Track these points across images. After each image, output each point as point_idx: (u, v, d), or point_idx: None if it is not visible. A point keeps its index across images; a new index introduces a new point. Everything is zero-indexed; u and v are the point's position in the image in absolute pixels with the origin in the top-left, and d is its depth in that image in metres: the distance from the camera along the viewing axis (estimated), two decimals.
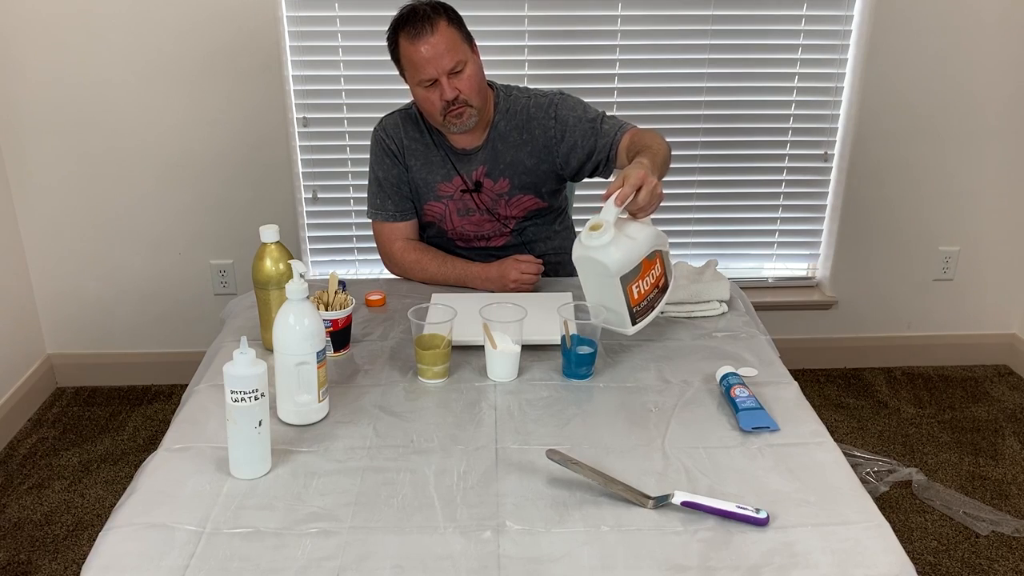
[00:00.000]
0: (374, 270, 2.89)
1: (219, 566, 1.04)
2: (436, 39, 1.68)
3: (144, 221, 2.72)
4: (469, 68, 1.73)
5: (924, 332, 3.02)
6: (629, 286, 1.48)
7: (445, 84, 1.70)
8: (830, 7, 2.65)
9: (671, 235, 2.89)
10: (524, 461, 1.25)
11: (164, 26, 2.50)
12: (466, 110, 1.75)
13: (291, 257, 1.48)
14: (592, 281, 1.51)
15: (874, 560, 1.05)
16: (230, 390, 1.16)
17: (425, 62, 1.69)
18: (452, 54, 1.69)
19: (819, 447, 1.29)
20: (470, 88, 1.73)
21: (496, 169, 1.87)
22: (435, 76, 1.70)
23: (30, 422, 2.69)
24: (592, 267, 1.47)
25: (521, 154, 1.86)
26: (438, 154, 1.88)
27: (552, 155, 1.86)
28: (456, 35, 1.71)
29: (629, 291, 1.48)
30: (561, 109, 1.84)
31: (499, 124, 1.85)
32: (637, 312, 1.52)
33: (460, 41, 1.72)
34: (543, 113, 1.84)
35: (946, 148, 2.78)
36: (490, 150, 1.86)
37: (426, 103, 1.76)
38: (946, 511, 2.25)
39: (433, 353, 1.45)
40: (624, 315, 1.50)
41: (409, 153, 1.89)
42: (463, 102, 1.73)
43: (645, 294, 1.52)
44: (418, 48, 1.68)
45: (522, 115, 1.85)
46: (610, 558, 1.05)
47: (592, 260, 1.45)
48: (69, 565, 2.07)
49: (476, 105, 1.76)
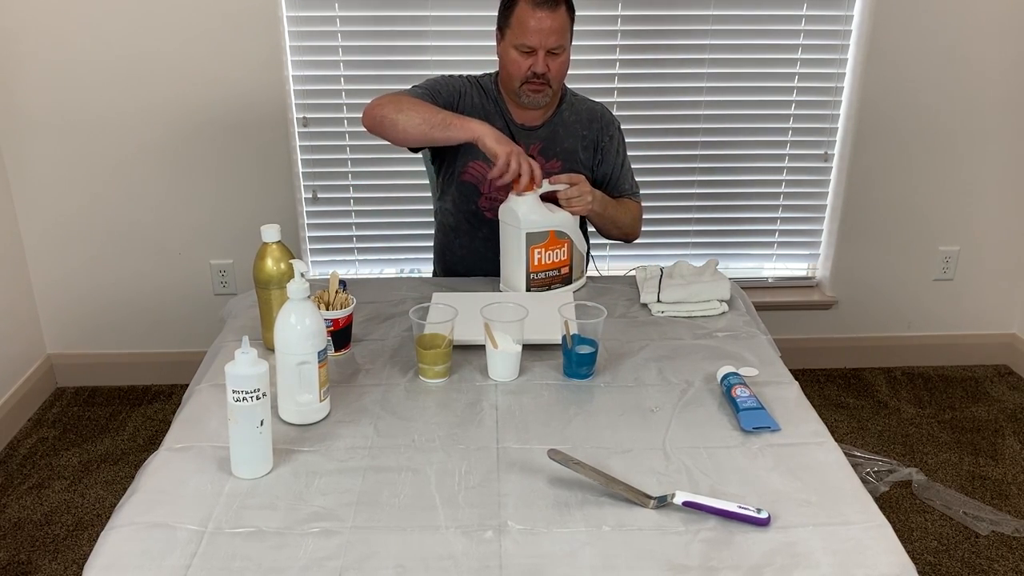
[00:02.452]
0: (374, 270, 2.89)
1: (221, 566, 1.04)
2: (554, 16, 1.79)
3: (144, 221, 2.72)
4: (564, 56, 1.86)
5: (924, 332, 3.02)
6: (532, 248, 1.73)
7: (541, 58, 1.81)
8: (830, 7, 2.65)
9: (671, 235, 2.90)
10: (525, 461, 1.25)
11: (164, 26, 2.50)
12: (545, 88, 1.86)
13: (292, 256, 1.48)
14: (506, 235, 1.77)
15: (875, 560, 1.05)
16: (232, 389, 1.16)
17: (535, 32, 1.79)
18: (559, 36, 1.81)
19: (820, 447, 1.29)
20: (558, 72, 1.85)
21: (552, 150, 1.96)
22: (537, 47, 1.80)
23: (30, 422, 2.68)
24: (509, 218, 1.74)
25: (578, 145, 1.98)
26: (500, 122, 1.94)
27: (595, 158, 2.02)
28: (568, 24, 1.84)
29: (531, 253, 1.73)
30: (619, 133, 2.04)
31: (564, 112, 1.98)
32: (533, 279, 1.76)
33: (568, 30, 1.85)
34: (607, 123, 2.01)
35: (946, 148, 2.78)
36: (551, 131, 1.97)
37: (513, 66, 1.85)
38: (946, 511, 2.25)
39: (434, 353, 1.45)
40: (521, 276, 1.75)
41: (469, 110, 1.92)
42: (546, 80, 1.84)
43: (545, 266, 1.76)
44: (536, 14, 1.78)
45: (588, 114, 2.00)
46: (611, 558, 1.06)
47: (510, 210, 1.73)
48: (69, 565, 2.07)
49: (555, 89, 1.88)
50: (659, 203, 2.84)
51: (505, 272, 1.82)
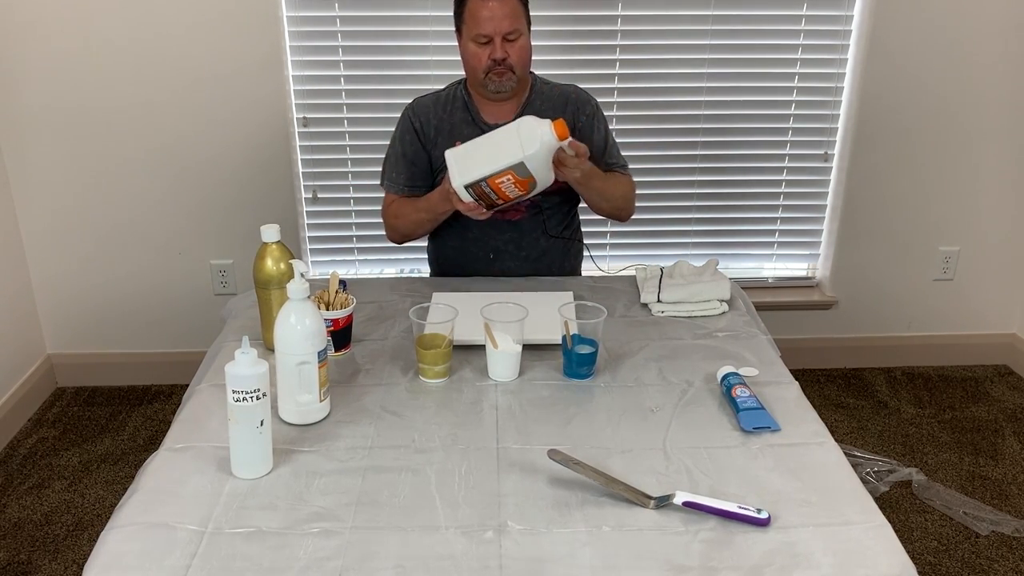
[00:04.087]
0: (374, 270, 2.89)
1: (221, 566, 1.04)
2: (504, 2, 1.80)
3: (144, 221, 2.72)
4: (523, 40, 1.86)
5: (924, 332, 3.02)
6: (506, 173, 1.66)
7: (498, 44, 1.82)
8: (830, 7, 2.65)
9: (671, 235, 2.90)
10: (525, 461, 1.25)
11: (164, 26, 2.50)
12: (508, 73, 1.85)
13: (292, 257, 1.48)
14: (500, 137, 1.69)
15: (875, 560, 1.05)
16: (232, 390, 1.16)
17: (487, 20, 1.80)
18: (512, 20, 1.82)
19: (820, 447, 1.29)
20: (518, 57, 1.85)
21: None
22: (492, 35, 1.81)
23: (30, 422, 2.68)
24: (522, 129, 1.66)
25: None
26: (470, 128, 1.94)
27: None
28: (520, 8, 1.85)
29: (501, 174, 1.66)
30: (597, 110, 2.01)
31: (534, 102, 1.96)
32: (476, 184, 1.68)
33: (522, 14, 1.86)
34: (582, 103, 1.99)
35: (946, 148, 2.78)
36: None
37: (474, 59, 1.86)
38: (946, 511, 2.25)
39: (434, 353, 1.45)
40: (478, 173, 1.67)
41: (436, 131, 1.97)
42: (508, 66, 1.84)
43: (497, 190, 1.69)
44: (487, 3, 1.80)
45: (560, 98, 1.98)
46: (612, 558, 1.06)
47: (529, 125, 1.66)
48: (69, 565, 2.07)
49: (518, 74, 1.87)
50: (659, 203, 2.84)
51: (479, 152, 1.72)
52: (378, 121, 2.64)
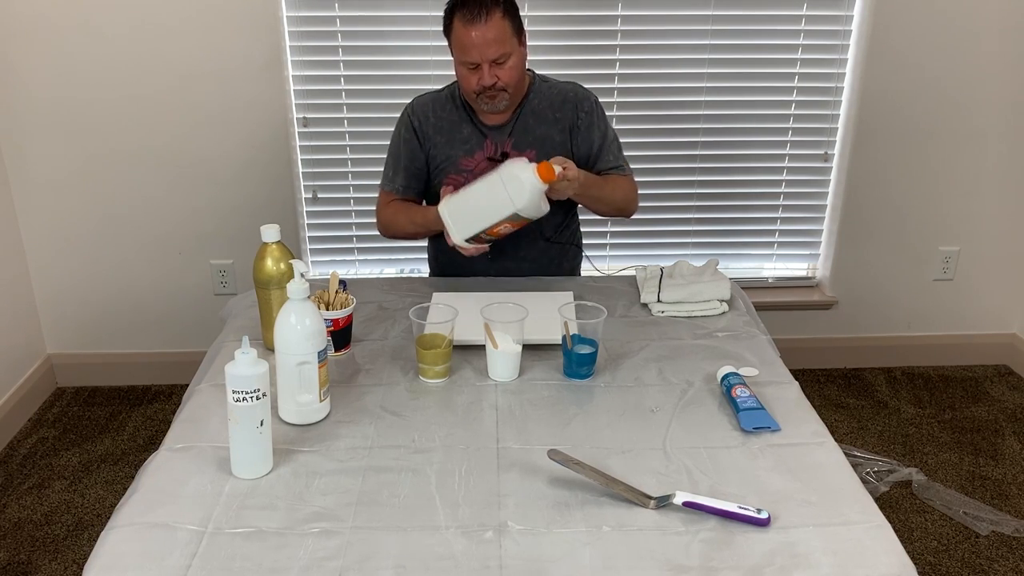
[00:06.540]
0: (374, 270, 2.89)
1: (221, 566, 1.04)
2: (487, 28, 1.75)
3: (144, 221, 2.72)
4: (512, 60, 1.81)
5: (924, 332, 3.02)
6: (502, 223, 1.68)
7: (486, 71, 1.79)
8: (830, 7, 2.65)
9: (671, 235, 2.90)
10: (525, 461, 1.25)
11: (164, 26, 2.50)
12: (500, 94, 1.84)
13: (292, 257, 1.48)
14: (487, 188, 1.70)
15: (875, 560, 1.05)
16: (232, 390, 1.16)
17: (472, 47, 1.77)
18: (499, 46, 1.77)
19: (820, 447, 1.29)
20: (509, 78, 1.81)
21: (524, 141, 1.94)
22: (479, 62, 1.78)
23: (30, 422, 2.68)
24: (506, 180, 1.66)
25: (552, 130, 1.95)
26: (469, 128, 1.94)
27: (573, 138, 1.96)
28: (507, 28, 1.78)
29: (497, 225, 1.69)
30: (597, 107, 1.97)
31: (532, 101, 1.94)
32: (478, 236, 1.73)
33: (510, 35, 1.79)
34: (580, 100, 1.95)
35: (946, 148, 2.78)
36: (520, 123, 1.94)
37: (464, 81, 1.85)
38: (946, 511, 2.25)
39: (434, 353, 1.45)
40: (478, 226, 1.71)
41: (435, 131, 1.96)
42: (499, 89, 1.82)
43: (495, 234, 1.73)
44: (469, 33, 1.75)
45: (558, 96, 1.95)
46: (612, 558, 1.06)
47: (513, 175, 1.66)
48: (69, 565, 2.07)
49: (510, 92, 1.85)
50: (659, 203, 2.84)
51: (471, 208, 1.74)
52: (378, 121, 2.64)
